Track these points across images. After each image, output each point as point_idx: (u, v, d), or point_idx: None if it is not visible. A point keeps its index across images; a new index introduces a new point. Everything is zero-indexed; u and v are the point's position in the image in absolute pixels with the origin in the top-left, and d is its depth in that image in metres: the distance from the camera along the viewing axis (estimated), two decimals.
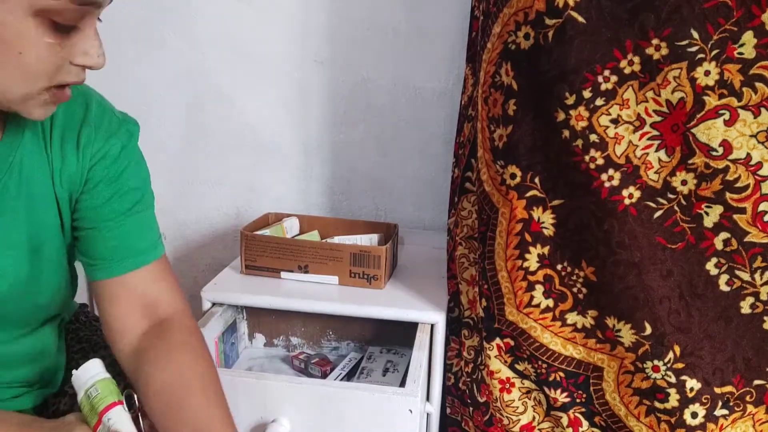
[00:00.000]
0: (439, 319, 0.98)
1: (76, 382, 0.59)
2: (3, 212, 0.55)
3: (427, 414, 1.04)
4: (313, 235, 1.21)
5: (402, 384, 1.00)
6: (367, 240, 1.17)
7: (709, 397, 0.79)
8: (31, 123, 0.58)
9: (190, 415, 0.60)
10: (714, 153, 0.70)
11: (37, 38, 0.46)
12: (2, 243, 0.56)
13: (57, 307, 0.65)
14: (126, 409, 0.59)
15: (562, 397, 0.88)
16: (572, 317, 0.84)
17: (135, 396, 0.61)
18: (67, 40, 0.48)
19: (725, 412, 0.79)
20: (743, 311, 0.76)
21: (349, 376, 1.08)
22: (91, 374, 0.59)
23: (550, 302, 0.85)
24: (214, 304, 1.06)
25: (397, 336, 1.15)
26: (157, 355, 0.62)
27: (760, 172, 0.70)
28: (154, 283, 0.65)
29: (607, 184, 0.75)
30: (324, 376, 1.07)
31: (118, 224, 0.63)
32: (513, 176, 0.82)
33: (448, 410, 1.10)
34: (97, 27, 0.50)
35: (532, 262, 0.84)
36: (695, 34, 0.67)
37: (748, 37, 0.66)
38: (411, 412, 0.80)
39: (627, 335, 0.80)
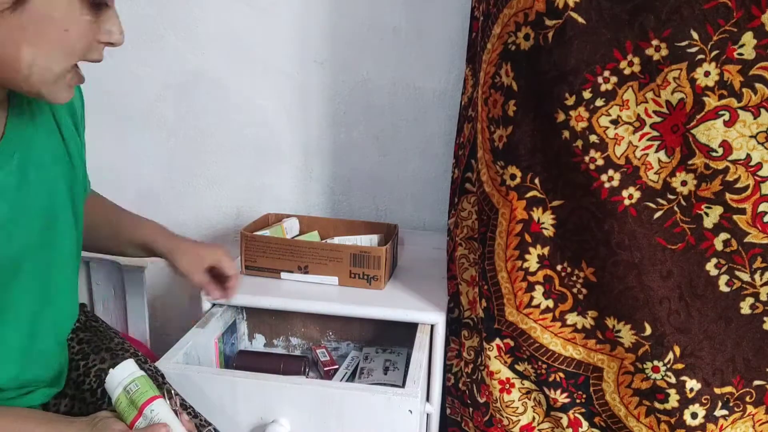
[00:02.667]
0: (439, 319, 0.98)
1: (113, 380, 0.63)
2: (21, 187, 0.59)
3: (427, 414, 1.04)
4: (313, 236, 1.21)
5: (404, 381, 1.00)
6: (367, 240, 1.17)
7: (708, 397, 0.79)
8: (37, 113, 0.62)
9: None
10: (714, 154, 0.70)
11: (80, 15, 0.50)
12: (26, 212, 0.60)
13: (76, 262, 0.69)
14: (167, 401, 0.63)
15: (562, 398, 0.88)
16: (572, 318, 0.84)
17: (173, 390, 0.66)
18: (98, 18, 0.52)
19: (725, 412, 0.79)
20: (743, 312, 0.76)
21: (352, 377, 1.08)
22: (129, 371, 0.63)
23: (550, 303, 0.85)
24: (214, 305, 1.06)
25: (396, 336, 1.15)
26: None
27: (760, 173, 0.70)
28: None
29: (607, 185, 0.75)
30: (329, 376, 1.07)
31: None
32: (513, 177, 0.82)
33: (448, 411, 1.10)
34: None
35: (532, 262, 0.84)
36: (695, 35, 0.67)
37: (748, 38, 0.66)
38: (411, 412, 0.80)
39: (627, 336, 0.80)
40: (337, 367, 1.08)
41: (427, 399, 1.02)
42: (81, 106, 0.71)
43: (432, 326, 0.99)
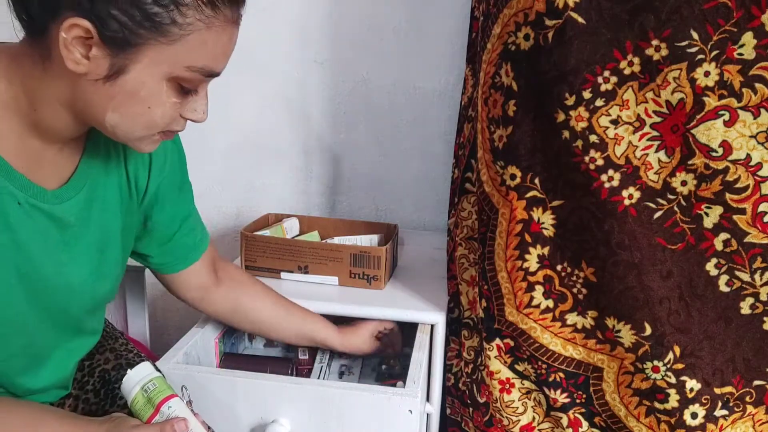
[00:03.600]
0: (439, 319, 0.98)
1: (130, 381, 0.65)
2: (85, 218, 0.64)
3: (427, 414, 1.04)
4: (313, 236, 1.21)
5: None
6: (367, 240, 1.17)
7: (709, 397, 0.79)
8: (108, 145, 0.66)
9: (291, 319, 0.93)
10: (714, 154, 0.70)
11: (165, 98, 0.55)
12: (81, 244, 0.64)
13: (112, 295, 0.74)
14: (182, 399, 0.66)
15: (562, 398, 0.88)
16: (572, 318, 0.84)
17: (186, 390, 0.71)
18: (184, 100, 0.57)
19: (725, 412, 0.79)
20: (743, 312, 0.76)
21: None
22: (146, 372, 0.66)
23: (550, 303, 0.85)
24: None
25: None
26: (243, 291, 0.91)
27: (760, 173, 0.70)
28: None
29: (607, 185, 0.75)
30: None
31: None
32: (513, 177, 0.82)
33: (448, 411, 1.10)
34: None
35: (532, 262, 0.84)
36: (695, 35, 0.67)
37: (748, 38, 0.66)
38: (411, 412, 0.80)
39: (627, 336, 0.80)
40: (310, 367, 1.08)
41: (427, 399, 1.02)
42: (169, 156, 0.73)
43: (432, 326, 0.99)
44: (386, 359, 1.07)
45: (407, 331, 1.02)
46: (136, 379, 0.65)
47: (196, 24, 0.52)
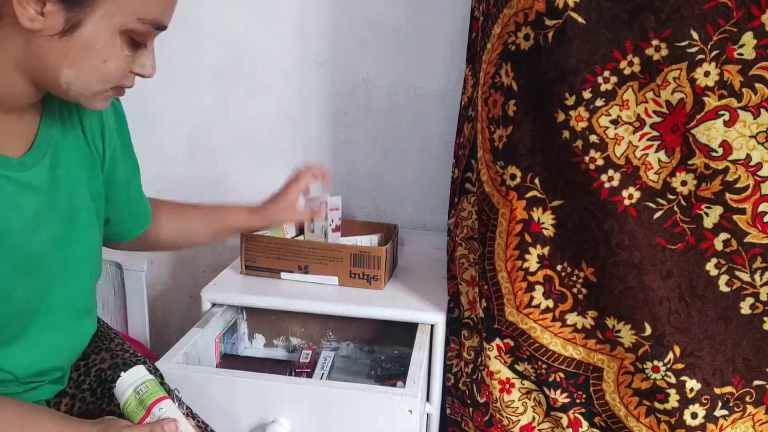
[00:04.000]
0: (439, 319, 0.98)
1: (123, 383, 0.66)
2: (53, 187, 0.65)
3: (427, 414, 1.04)
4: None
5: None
6: (367, 240, 1.17)
7: (708, 397, 0.79)
8: (63, 111, 0.66)
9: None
10: (714, 154, 0.70)
11: (119, 51, 0.56)
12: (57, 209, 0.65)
13: (95, 264, 0.74)
14: (174, 402, 0.67)
15: (562, 398, 0.88)
16: (572, 318, 0.84)
17: (178, 394, 0.71)
18: (135, 53, 0.59)
19: (725, 412, 0.79)
20: (743, 312, 0.76)
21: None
22: (139, 375, 0.66)
23: (550, 303, 0.85)
24: (214, 305, 1.06)
25: (397, 336, 1.15)
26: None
27: (760, 173, 0.70)
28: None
29: (607, 185, 0.75)
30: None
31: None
32: (513, 177, 0.82)
33: (448, 411, 1.10)
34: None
35: (532, 262, 0.84)
36: (695, 35, 0.67)
37: (748, 38, 0.66)
38: (411, 412, 0.80)
39: (627, 336, 0.80)
40: (310, 370, 1.08)
41: (427, 399, 1.02)
42: (115, 118, 0.75)
43: (432, 326, 0.99)
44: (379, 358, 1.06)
45: (407, 331, 1.02)
46: (129, 381, 0.66)
47: None
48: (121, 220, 0.79)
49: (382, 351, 1.17)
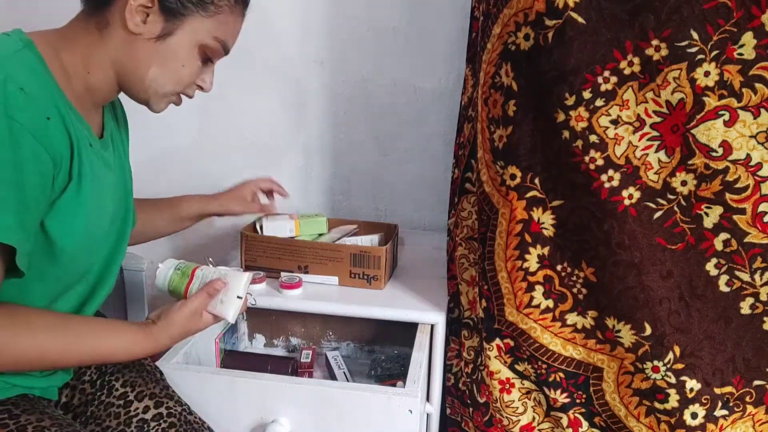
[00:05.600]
0: (439, 319, 0.98)
1: (163, 269, 0.76)
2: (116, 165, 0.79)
3: (427, 414, 1.04)
4: (321, 222, 1.15)
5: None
6: (367, 240, 1.17)
7: (708, 397, 0.79)
8: (110, 115, 0.81)
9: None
10: (714, 154, 0.70)
11: (195, 61, 0.72)
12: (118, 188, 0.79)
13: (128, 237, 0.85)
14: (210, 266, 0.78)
15: (561, 398, 0.88)
16: (572, 318, 0.84)
17: (210, 260, 0.83)
18: (203, 67, 0.74)
19: (725, 412, 0.79)
20: (743, 312, 0.76)
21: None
22: (173, 263, 0.77)
23: (550, 303, 0.85)
24: None
25: (396, 336, 1.15)
26: None
27: (760, 173, 0.70)
28: None
29: (607, 185, 0.75)
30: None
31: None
32: (513, 177, 0.82)
33: (448, 411, 1.10)
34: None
35: (532, 262, 0.84)
36: (695, 35, 0.67)
37: (748, 38, 0.66)
38: (411, 412, 0.80)
39: (627, 336, 0.80)
40: (312, 370, 1.08)
41: (427, 399, 1.02)
42: (124, 124, 0.88)
43: (432, 326, 0.99)
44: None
45: (407, 331, 1.02)
46: (168, 265, 0.77)
47: (225, 7, 0.71)
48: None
49: (382, 351, 1.17)
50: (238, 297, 0.74)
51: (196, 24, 0.69)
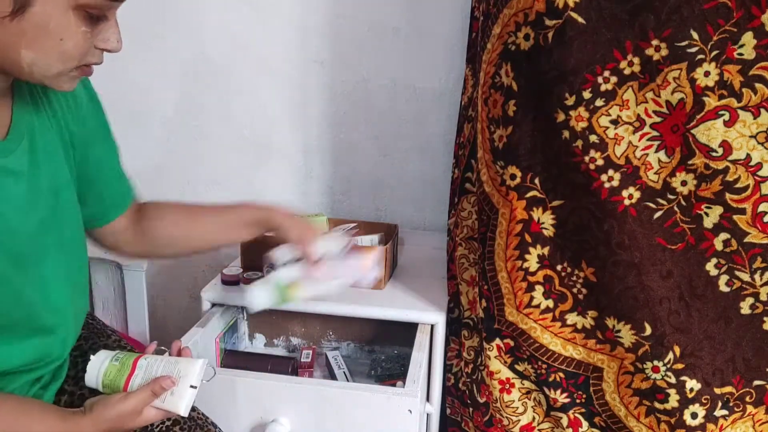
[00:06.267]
0: (439, 319, 0.98)
1: (95, 361, 0.65)
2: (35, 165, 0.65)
3: (427, 414, 1.04)
4: (320, 222, 1.15)
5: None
6: (367, 240, 1.17)
7: (708, 397, 0.79)
8: (34, 95, 0.66)
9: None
10: (714, 154, 0.70)
11: (75, 28, 0.54)
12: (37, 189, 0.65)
13: (84, 241, 0.74)
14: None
15: (561, 398, 0.88)
16: (572, 318, 0.84)
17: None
18: (95, 28, 0.57)
19: (725, 412, 0.79)
20: (743, 312, 0.76)
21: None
22: (106, 354, 0.66)
23: (550, 303, 0.85)
24: (214, 305, 1.06)
25: (397, 336, 1.15)
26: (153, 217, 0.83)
27: (760, 173, 0.70)
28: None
29: (607, 185, 0.75)
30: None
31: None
32: (513, 177, 0.82)
33: (448, 411, 1.10)
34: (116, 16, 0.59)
35: (532, 262, 0.84)
36: (695, 35, 0.67)
37: (748, 38, 0.66)
38: (411, 412, 0.80)
39: (627, 336, 0.80)
40: (312, 370, 1.08)
41: (427, 399, 1.02)
42: (87, 98, 0.74)
43: (432, 326, 0.99)
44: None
45: (407, 331, 1.02)
46: (102, 357, 0.65)
47: None
48: (93, 202, 0.77)
49: (382, 351, 1.17)
50: (192, 386, 0.62)
51: None
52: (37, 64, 0.55)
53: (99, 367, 0.64)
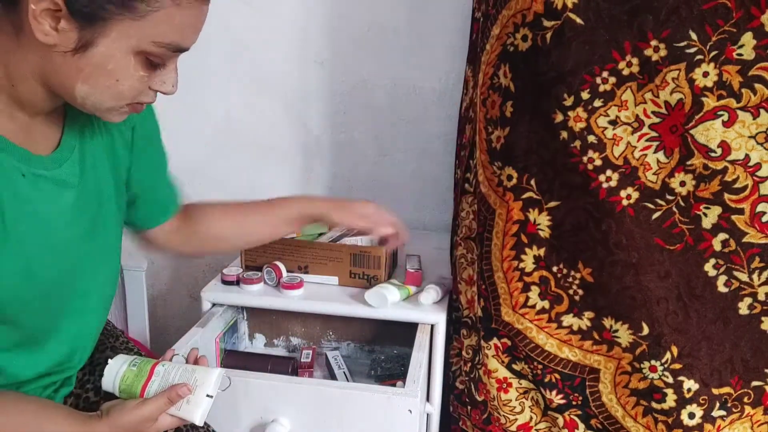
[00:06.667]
0: (439, 319, 0.98)
1: (113, 366, 0.65)
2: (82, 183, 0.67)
3: (427, 414, 1.04)
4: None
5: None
6: (367, 240, 1.17)
7: (706, 397, 0.79)
8: (85, 120, 0.67)
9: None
10: (713, 154, 0.70)
11: (133, 71, 0.56)
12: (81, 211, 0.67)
13: (118, 255, 0.76)
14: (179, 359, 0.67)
15: (557, 399, 0.88)
16: (568, 319, 0.84)
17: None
18: (153, 73, 0.59)
19: (723, 413, 0.79)
20: (741, 312, 0.76)
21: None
22: (126, 358, 0.66)
23: (546, 304, 0.85)
24: (214, 305, 1.06)
25: (397, 336, 1.15)
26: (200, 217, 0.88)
27: (759, 173, 0.70)
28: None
29: (605, 185, 0.76)
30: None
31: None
32: (510, 178, 0.82)
33: (450, 409, 1.10)
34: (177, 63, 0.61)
35: (528, 263, 0.84)
36: (694, 36, 0.67)
37: (748, 39, 0.66)
38: (411, 412, 0.80)
39: (624, 335, 0.80)
40: (312, 370, 1.08)
41: (427, 399, 1.03)
42: (143, 124, 0.77)
43: (432, 326, 0.99)
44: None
45: (407, 331, 1.02)
46: (120, 362, 0.65)
47: (164, 1, 0.53)
48: (146, 205, 0.81)
49: (382, 351, 1.17)
50: (208, 396, 0.63)
51: (125, 28, 0.53)
52: (90, 99, 0.57)
53: (116, 371, 0.64)
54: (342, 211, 0.88)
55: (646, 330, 0.78)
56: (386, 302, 0.95)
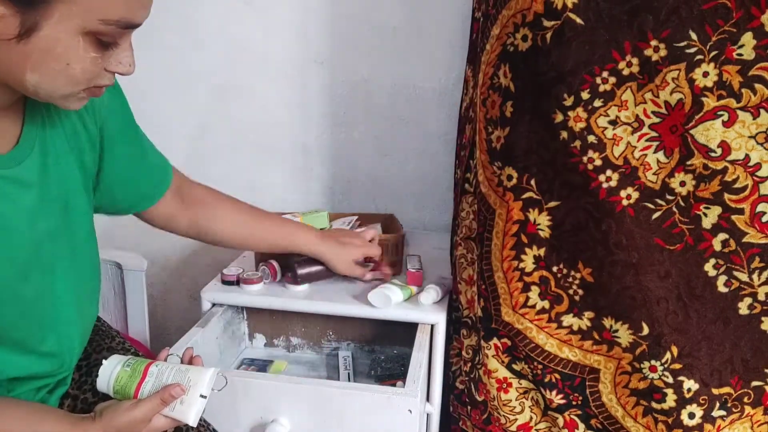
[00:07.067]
0: (439, 319, 0.98)
1: (107, 367, 0.65)
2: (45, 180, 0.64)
3: (427, 414, 1.04)
4: (322, 217, 1.18)
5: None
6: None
7: (706, 398, 0.79)
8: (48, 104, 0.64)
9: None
10: (713, 154, 0.70)
11: (84, 53, 0.53)
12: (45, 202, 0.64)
13: (95, 246, 0.74)
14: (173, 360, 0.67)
15: (557, 399, 0.88)
16: (568, 319, 0.84)
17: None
18: (105, 53, 0.55)
19: (723, 413, 0.79)
20: (741, 312, 0.76)
21: None
22: (118, 359, 0.66)
23: (546, 304, 0.85)
24: (214, 305, 1.06)
25: (397, 336, 1.15)
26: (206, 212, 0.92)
27: (759, 173, 0.70)
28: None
29: (605, 185, 0.76)
30: None
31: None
32: (510, 178, 0.82)
33: (450, 409, 1.10)
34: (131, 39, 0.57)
35: (528, 263, 0.84)
36: (694, 36, 0.67)
37: (748, 39, 0.66)
38: (411, 412, 0.80)
39: (624, 335, 0.80)
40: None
41: (427, 399, 1.03)
42: (110, 96, 0.73)
43: (432, 326, 0.99)
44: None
45: (407, 331, 1.02)
46: (114, 362, 0.65)
47: None
48: (127, 194, 0.80)
49: (382, 351, 1.17)
50: (202, 396, 0.63)
51: (68, 8, 0.50)
52: (42, 87, 0.54)
53: (110, 372, 0.64)
54: (339, 260, 0.99)
55: (646, 330, 0.78)
56: (390, 303, 0.95)
